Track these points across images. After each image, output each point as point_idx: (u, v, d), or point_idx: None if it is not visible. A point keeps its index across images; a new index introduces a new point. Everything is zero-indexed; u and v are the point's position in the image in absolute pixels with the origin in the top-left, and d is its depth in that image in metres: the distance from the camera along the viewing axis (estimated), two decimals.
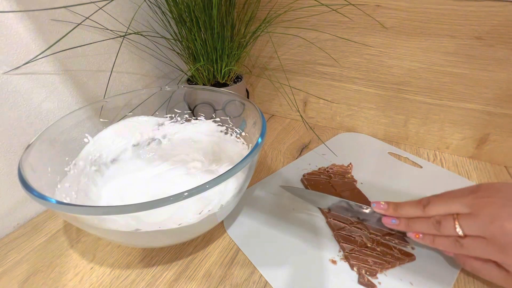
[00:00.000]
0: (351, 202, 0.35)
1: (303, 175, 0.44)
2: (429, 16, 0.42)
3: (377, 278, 0.30)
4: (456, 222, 0.26)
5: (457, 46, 0.42)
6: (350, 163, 0.46)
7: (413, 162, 0.47)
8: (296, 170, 0.46)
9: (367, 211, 0.34)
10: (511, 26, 0.38)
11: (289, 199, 0.41)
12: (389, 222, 0.31)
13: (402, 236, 0.34)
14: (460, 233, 0.26)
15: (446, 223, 0.27)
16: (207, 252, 0.34)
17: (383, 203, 0.32)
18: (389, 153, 0.50)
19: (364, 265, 0.31)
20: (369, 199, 0.39)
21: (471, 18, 0.40)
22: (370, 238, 0.33)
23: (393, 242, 0.33)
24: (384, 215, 0.32)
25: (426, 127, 0.50)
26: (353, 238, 0.34)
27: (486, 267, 0.26)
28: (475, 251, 0.26)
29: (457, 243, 0.26)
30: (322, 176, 0.43)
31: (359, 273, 0.30)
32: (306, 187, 0.42)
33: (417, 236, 0.29)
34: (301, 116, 0.61)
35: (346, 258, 0.32)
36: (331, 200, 0.36)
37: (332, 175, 0.44)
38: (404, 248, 0.32)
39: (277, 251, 0.34)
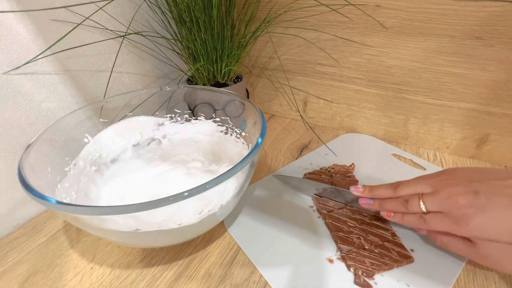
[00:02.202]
0: (338, 188, 0.38)
1: (304, 174, 0.44)
2: (429, 16, 0.42)
3: (373, 279, 0.30)
4: (421, 200, 0.29)
5: (457, 46, 0.42)
6: (353, 164, 0.46)
7: (416, 163, 0.47)
8: (297, 169, 0.46)
9: (350, 195, 0.36)
10: (511, 26, 0.38)
11: (289, 199, 0.41)
12: (364, 203, 0.34)
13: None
14: (424, 209, 0.29)
15: (412, 201, 0.30)
16: (207, 252, 0.34)
17: (360, 186, 0.35)
18: (392, 154, 0.49)
19: (361, 266, 0.31)
20: None
21: (471, 18, 0.40)
22: (368, 240, 0.33)
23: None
24: (361, 197, 0.35)
25: (426, 127, 0.50)
26: (350, 240, 0.33)
27: (453, 241, 0.30)
28: (436, 225, 0.29)
29: (421, 219, 0.29)
30: (323, 176, 0.43)
31: (355, 274, 0.30)
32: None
33: (388, 214, 0.32)
34: (301, 116, 0.61)
35: (343, 258, 0.32)
36: (320, 186, 0.40)
37: (333, 174, 0.44)
38: (402, 251, 0.32)
39: (277, 250, 0.34)
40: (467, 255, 0.29)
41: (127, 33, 0.46)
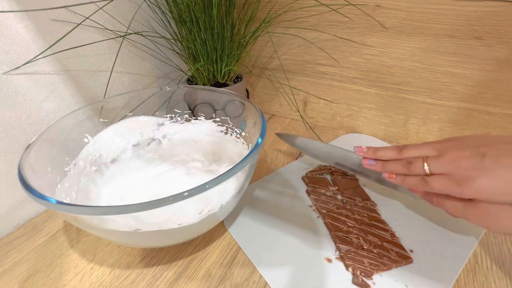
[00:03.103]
0: (343, 150, 0.39)
1: (305, 173, 0.44)
2: (429, 16, 0.42)
3: (371, 279, 0.30)
4: (425, 162, 0.30)
5: (457, 46, 0.42)
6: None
7: None
8: (297, 169, 0.46)
9: (356, 158, 0.37)
10: (511, 26, 0.38)
11: (288, 199, 0.41)
12: (367, 163, 0.34)
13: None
14: (427, 170, 0.29)
15: (416, 163, 0.30)
16: (207, 252, 0.34)
17: (364, 147, 0.35)
18: None
19: (359, 266, 0.31)
20: (372, 199, 0.39)
21: (471, 18, 0.40)
22: (368, 240, 0.33)
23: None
24: (364, 158, 0.35)
25: (426, 127, 0.50)
26: (349, 240, 0.33)
27: (450, 200, 0.29)
28: (438, 186, 0.29)
29: (423, 181, 0.30)
30: (324, 175, 0.43)
31: (354, 274, 0.30)
32: (307, 184, 0.42)
33: (390, 176, 0.32)
34: (301, 116, 0.61)
35: (342, 258, 0.32)
36: (325, 148, 0.40)
37: (334, 172, 0.44)
38: (401, 251, 0.32)
39: (276, 250, 0.34)
40: (462, 215, 0.29)
41: (127, 33, 0.46)
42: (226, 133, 0.44)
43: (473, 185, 0.26)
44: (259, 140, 0.30)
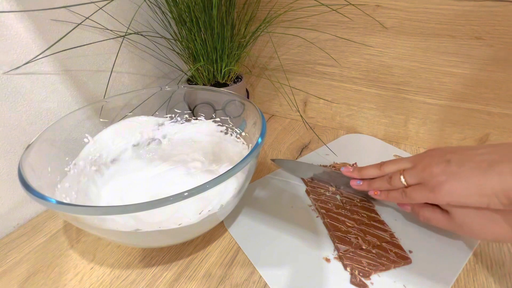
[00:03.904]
0: (330, 170, 0.42)
1: (302, 178, 0.44)
2: (429, 16, 0.42)
3: (370, 279, 0.30)
4: (401, 175, 0.32)
5: (457, 46, 0.42)
6: (355, 163, 0.46)
7: None
8: None
9: (343, 178, 0.40)
10: (511, 26, 0.38)
11: (288, 198, 0.41)
12: (355, 184, 0.37)
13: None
14: (404, 182, 0.32)
15: (395, 177, 0.33)
16: (207, 252, 0.34)
17: (349, 167, 0.38)
18: (394, 155, 0.49)
19: (357, 265, 0.31)
20: (372, 200, 0.39)
21: (471, 18, 0.40)
22: (366, 240, 0.33)
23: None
24: (352, 178, 0.38)
25: (426, 127, 0.50)
26: (348, 239, 0.33)
27: (434, 214, 0.31)
28: (415, 196, 0.31)
29: (403, 193, 0.32)
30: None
31: (352, 273, 0.30)
32: (307, 184, 0.42)
33: (375, 193, 0.35)
34: (301, 116, 0.61)
35: (340, 258, 0.32)
36: (315, 169, 0.43)
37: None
38: (400, 252, 0.32)
39: (276, 250, 0.34)
40: (446, 227, 0.31)
41: (127, 33, 0.46)
42: (226, 133, 0.44)
43: (443, 189, 0.28)
44: (259, 140, 0.30)
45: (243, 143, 0.41)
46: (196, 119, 0.45)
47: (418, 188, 0.31)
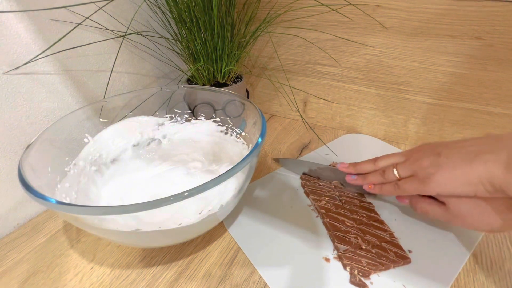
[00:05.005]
0: (326, 166, 0.43)
1: (303, 173, 0.44)
2: (429, 16, 0.42)
3: (369, 279, 0.30)
4: (394, 168, 0.33)
5: (457, 46, 0.42)
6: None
7: None
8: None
9: (339, 174, 0.41)
10: (511, 26, 0.38)
11: (288, 198, 0.41)
12: (350, 179, 0.38)
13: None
14: (397, 175, 0.33)
15: (388, 171, 0.34)
16: (207, 252, 0.34)
17: (345, 163, 0.39)
18: None
19: (357, 265, 0.31)
20: (372, 201, 0.39)
21: (471, 18, 0.40)
22: (366, 240, 0.33)
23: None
24: (347, 174, 0.39)
25: (426, 127, 0.50)
26: (348, 239, 0.33)
27: (430, 206, 0.32)
28: (408, 188, 0.32)
29: (396, 186, 0.33)
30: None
31: (351, 273, 0.30)
32: (303, 187, 0.42)
33: (370, 186, 0.36)
34: (301, 116, 0.61)
35: (340, 258, 0.32)
36: (314, 166, 0.44)
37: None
38: (400, 251, 0.32)
39: (275, 250, 0.34)
40: (443, 218, 0.32)
41: (127, 33, 0.46)
42: (226, 133, 0.44)
43: (433, 181, 0.29)
44: (259, 140, 0.30)
45: (243, 143, 0.41)
46: (196, 119, 0.45)
47: (410, 180, 0.32)
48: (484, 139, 0.29)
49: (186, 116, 0.45)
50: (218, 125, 0.44)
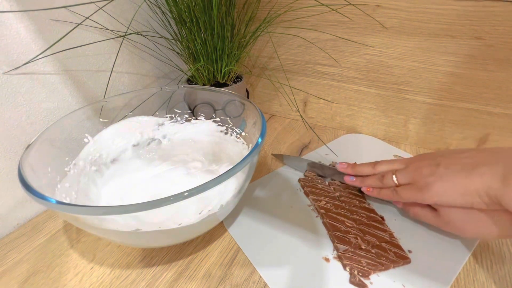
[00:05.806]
0: (330, 167, 0.44)
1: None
2: (429, 16, 0.42)
3: (369, 279, 0.30)
4: (394, 175, 0.34)
5: (457, 46, 0.42)
6: (355, 163, 0.46)
7: None
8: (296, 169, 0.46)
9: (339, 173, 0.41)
10: (511, 26, 0.38)
11: (288, 198, 0.41)
12: (348, 179, 0.39)
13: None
14: (396, 181, 0.34)
15: (387, 176, 0.35)
16: (207, 252, 0.34)
17: (344, 163, 0.40)
18: (394, 155, 0.49)
19: (357, 265, 0.31)
20: (372, 202, 0.39)
21: (471, 18, 0.40)
22: (366, 240, 0.33)
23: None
24: (346, 174, 0.39)
25: (426, 127, 0.50)
26: (347, 239, 0.33)
27: (422, 211, 0.33)
28: (405, 195, 0.33)
29: (394, 191, 0.34)
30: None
31: (351, 273, 0.30)
32: (302, 188, 0.42)
33: (368, 189, 0.37)
34: (301, 116, 0.61)
35: (339, 258, 0.32)
36: (312, 163, 0.45)
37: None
38: (399, 251, 0.32)
39: (275, 250, 0.34)
40: (434, 223, 0.33)
41: (127, 33, 0.46)
42: (226, 133, 0.44)
43: (431, 190, 0.30)
44: (259, 140, 0.30)
45: (243, 143, 0.41)
46: (196, 119, 0.45)
47: (408, 187, 0.32)
48: (482, 152, 0.30)
49: (186, 116, 0.45)
50: (218, 125, 0.44)
